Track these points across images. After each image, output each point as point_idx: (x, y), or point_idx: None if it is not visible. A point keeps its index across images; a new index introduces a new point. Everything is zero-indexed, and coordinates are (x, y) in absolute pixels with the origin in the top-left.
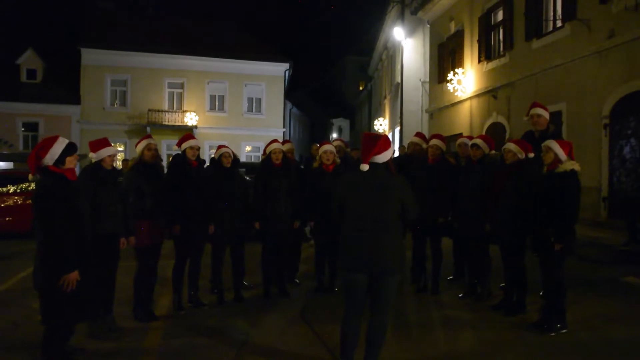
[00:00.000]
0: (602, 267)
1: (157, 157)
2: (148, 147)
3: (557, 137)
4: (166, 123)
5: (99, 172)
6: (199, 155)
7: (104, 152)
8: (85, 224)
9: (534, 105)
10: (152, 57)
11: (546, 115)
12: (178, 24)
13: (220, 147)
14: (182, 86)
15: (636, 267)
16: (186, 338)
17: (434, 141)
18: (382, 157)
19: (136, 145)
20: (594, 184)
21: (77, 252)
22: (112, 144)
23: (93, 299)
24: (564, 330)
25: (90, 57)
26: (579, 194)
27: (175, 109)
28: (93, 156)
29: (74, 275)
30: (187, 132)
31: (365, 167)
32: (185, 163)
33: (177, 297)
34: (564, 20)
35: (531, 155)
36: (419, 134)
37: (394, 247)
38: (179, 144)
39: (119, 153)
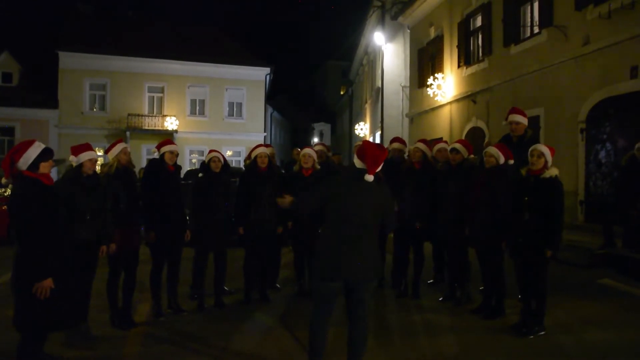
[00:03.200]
0: (580, 270)
1: (131, 163)
2: (124, 152)
3: (534, 142)
4: (146, 127)
5: (79, 177)
6: (176, 161)
7: (85, 156)
8: (63, 230)
9: (513, 111)
10: (131, 61)
11: (524, 121)
12: (158, 27)
13: (210, 151)
14: (162, 90)
15: (612, 269)
16: (166, 345)
17: (419, 145)
18: (379, 167)
19: (108, 151)
20: (571, 188)
21: (53, 259)
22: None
23: (71, 308)
24: (542, 333)
25: (69, 60)
26: (563, 200)
27: (155, 113)
28: (74, 160)
29: (48, 282)
30: (167, 137)
31: (371, 177)
32: (162, 168)
33: (156, 304)
34: (541, 27)
35: (511, 162)
36: (398, 139)
37: (375, 255)
38: (158, 148)
39: (98, 158)
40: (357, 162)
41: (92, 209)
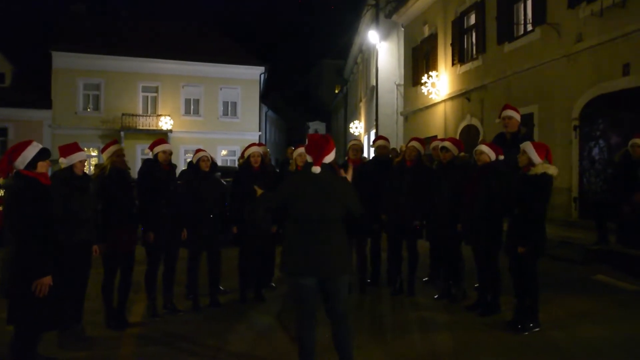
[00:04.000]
0: (574, 267)
1: (125, 164)
2: (118, 153)
3: (528, 139)
4: (140, 127)
5: (71, 178)
6: (170, 160)
7: (75, 157)
8: (58, 230)
9: (505, 107)
10: (125, 61)
11: (517, 117)
12: (152, 27)
13: (198, 151)
14: (156, 90)
15: (606, 265)
16: (161, 345)
17: (413, 143)
18: (329, 158)
19: (102, 151)
20: (566, 185)
21: (51, 258)
22: (85, 149)
23: (66, 308)
24: (537, 330)
25: (62, 60)
26: (548, 198)
27: (149, 113)
28: (63, 161)
29: (47, 280)
30: (162, 137)
31: (317, 169)
32: (157, 168)
33: (151, 304)
34: (534, 25)
35: (501, 157)
36: (382, 138)
37: (340, 248)
38: (151, 148)
39: (92, 158)
40: (308, 157)
41: (86, 209)
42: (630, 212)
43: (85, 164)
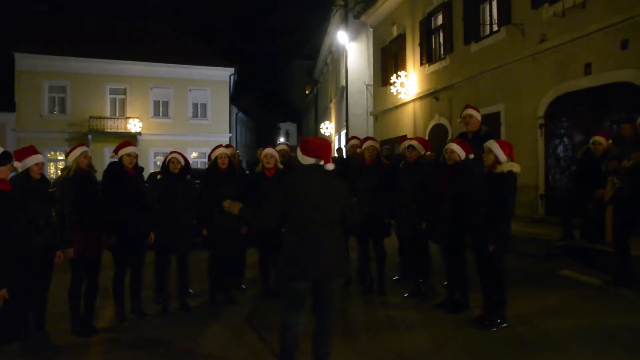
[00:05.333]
0: (540, 262)
1: (92, 167)
2: (84, 155)
3: (489, 137)
4: (109, 130)
5: (28, 182)
6: (136, 163)
7: (30, 161)
8: (17, 238)
9: (466, 107)
10: (92, 62)
11: (478, 116)
12: (119, 28)
13: (170, 153)
14: (124, 92)
15: (571, 260)
16: (130, 350)
17: (370, 142)
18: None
19: (68, 154)
20: (532, 182)
21: (8, 269)
22: (52, 153)
23: (26, 318)
24: (505, 325)
25: (25, 62)
26: (514, 196)
27: (117, 115)
28: (19, 165)
29: (2, 292)
30: (131, 140)
31: (331, 166)
32: (122, 171)
33: (119, 309)
34: (499, 25)
35: (471, 156)
36: (355, 137)
37: (341, 251)
38: (115, 151)
39: (59, 162)
40: (306, 159)
41: (45, 214)
42: (592, 208)
43: (43, 167)
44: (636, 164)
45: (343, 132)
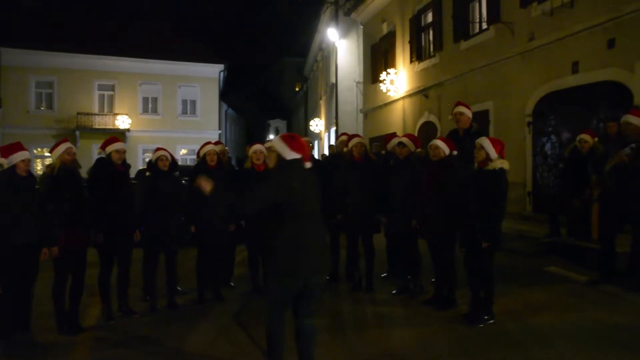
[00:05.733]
0: (528, 259)
1: (76, 162)
2: (68, 152)
3: (480, 135)
4: (97, 127)
5: (13, 179)
6: (125, 160)
7: (17, 157)
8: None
9: (457, 104)
10: (80, 58)
11: (469, 113)
12: (107, 23)
13: (157, 149)
14: (113, 88)
15: (558, 257)
16: (117, 349)
17: (357, 139)
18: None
19: (52, 151)
20: (520, 180)
21: None
22: (39, 149)
23: (9, 316)
24: (492, 321)
25: (11, 57)
26: (506, 192)
27: (106, 111)
28: (5, 162)
29: None
30: (119, 136)
31: (309, 164)
32: (111, 167)
33: (106, 307)
34: (489, 23)
35: (455, 152)
36: (345, 134)
37: (327, 245)
38: (103, 147)
39: (46, 159)
40: (292, 154)
41: (30, 211)
42: (579, 206)
43: (29, 164)
44: (617, 164)
45: (333, 130)
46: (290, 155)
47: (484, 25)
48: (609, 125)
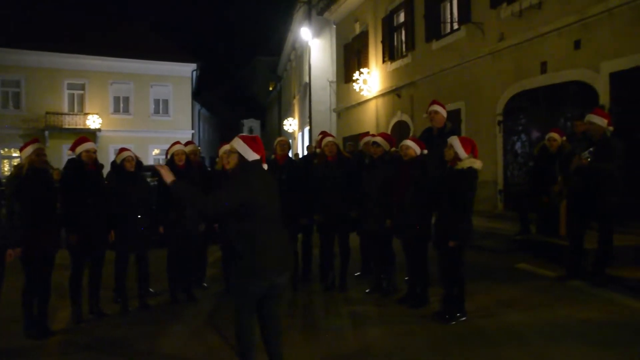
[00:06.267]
0: (499, 256)
1: (47, 163)
2: (37, 152)
3: (454, 133)
4: (66, 126)
5: None
6: (96, 159)
7: None
8: None
9: (432, 103)
10: (48, 56)
11: (443, 112)
12: (77, 20)
13: (122, 150)
14: (83, 87)
15: (528, 254)
16: (87, 352)
17: (329, 139)
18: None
19: (21, 150)
20: (491, 178)
21: None
22: (5, 150)
23: None
24: (464, 318)
25: None
26: (474, 192)
27: (76, 111)
28: None
29: None
30: (89, 136)
31: (266, 165)
32: (82, 168)
33: (76, 309)
34: (460, 23)
35: (425, 152)
36: (324, 133)
37: (290, 246)
38: (72, 148)
39: (14, 159)
40: (253, 155)
41: None
42: (548, 203)
43: None
44: (578, 167)
45: (307, 129)
46: (252, 156)
47: (455, 26)
48: (576, 124)
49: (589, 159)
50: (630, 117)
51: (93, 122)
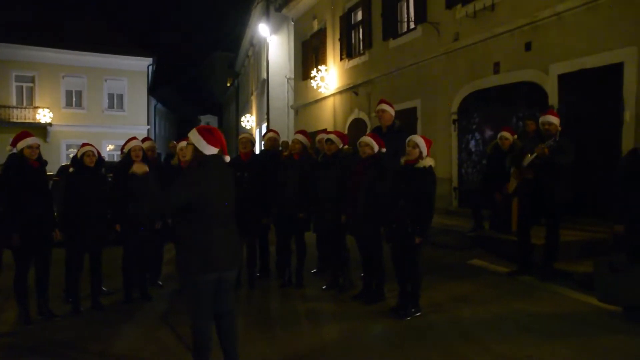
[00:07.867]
0: (453, 252)
1: None
2: None
3: (403, 131)
4: (15, 120)
5: None
6: (40, 155)
7: None
8: None
9: (380, 102)
10: None
11: (391, 111)
12: (27, 11)
13: (83, 145)
14: (32, 80)
15: (481, 250)
16: (35, 355)
17: (297, 136)
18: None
19: None
20: (446, 176)
21: None
22: None
23: None
24: (418, 314)
25: None
26: (435, 189)
27: (25, 104)
28: None
29: None
30: (25, 130)
31: (228, 158)
32: (24, 164)
33: (22, 310)
34: (416, 23)
35: (383, 150)
36: (272, 131)
37: (239, 241)
38: (13, 144)
39: None
40: (211, 149)
41: None
42: (500, 200)
43: None
44: (539, 154)
45: (264, 125)
46: (209, 150)
47: (412, 25)
48: (527, 123)
49: (551, 147)
50: (576, 118)
51: (43, 116)
